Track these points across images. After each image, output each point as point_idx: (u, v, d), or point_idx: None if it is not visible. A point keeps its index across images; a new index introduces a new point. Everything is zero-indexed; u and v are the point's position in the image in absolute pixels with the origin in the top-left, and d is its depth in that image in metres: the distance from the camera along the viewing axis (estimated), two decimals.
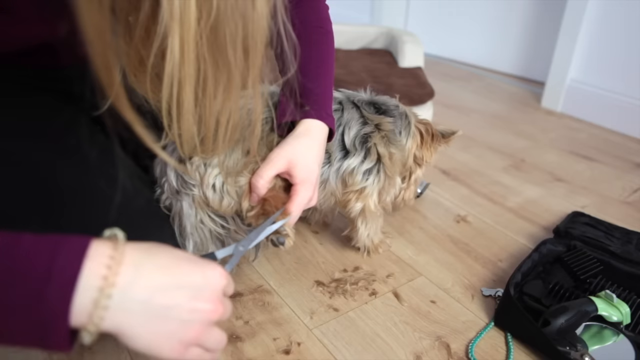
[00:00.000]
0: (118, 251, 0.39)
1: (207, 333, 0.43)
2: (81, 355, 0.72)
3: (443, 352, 0.75)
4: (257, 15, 0.47)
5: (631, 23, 1.54)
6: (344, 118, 0.82)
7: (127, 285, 0.39)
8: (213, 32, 0.46)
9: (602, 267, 0.87)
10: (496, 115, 1.74)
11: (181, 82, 0.47)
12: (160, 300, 0.40)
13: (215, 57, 0.48)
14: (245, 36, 0.48)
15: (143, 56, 0.47)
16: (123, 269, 0.39)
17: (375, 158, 0.82)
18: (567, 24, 1.69)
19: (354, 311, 0.83)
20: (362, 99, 0.86)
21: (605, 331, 0.76)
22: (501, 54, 2.19)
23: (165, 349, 0.41)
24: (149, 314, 0.40)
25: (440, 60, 2.40)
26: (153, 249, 0.43)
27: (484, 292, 0.88)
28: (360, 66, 1.63)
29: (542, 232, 1.06)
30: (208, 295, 0.43)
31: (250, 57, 0.50)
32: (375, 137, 0.82)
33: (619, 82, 1.62)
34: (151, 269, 0.40)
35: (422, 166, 0.93)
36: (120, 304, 0.38)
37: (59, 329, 0.37)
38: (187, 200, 0.73)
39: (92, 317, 0.38)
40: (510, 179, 1.29)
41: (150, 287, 0.40)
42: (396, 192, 0.90)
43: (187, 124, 0.52)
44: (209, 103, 0.52)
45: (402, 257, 0.97)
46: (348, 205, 0.85)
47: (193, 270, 0.43)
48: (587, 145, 1.52)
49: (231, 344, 0.75)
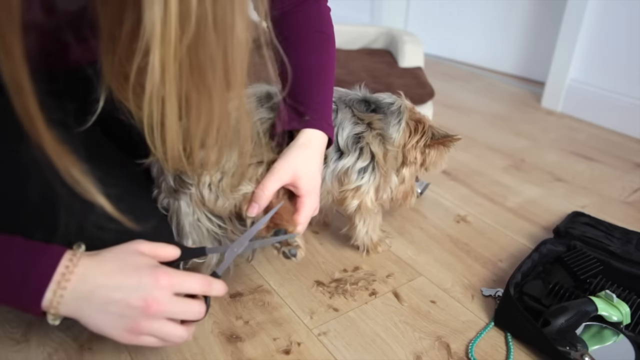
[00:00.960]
0: (73, 262, 0.54)
1: (151, 325, 0.55)
2: (81, 355, 0.72)
3: (443, 352, 0.75)
4: (237, 39, 0.47)
5: (631, 23, 1.54)
6: (337, 118, 0.82)
7: (76, 285, 0.53)
8: (194, 51, 0.46)
9: (602, 267, 0.87)
10: (496, 115, 1.74)
11: (163, 100, 0.47)
12: (99, 298, 0.54)
13: (196, 79, 0.48)
14: (226, 58, 0.48)
15: (127, 72, 0.47)
16: (75, 274, 0.53)
17: (369, 157, 0.82)
18: (567, 24, 1.69)
19: (354, 311, 0.83)
20: (354, 98, 0.86)
21: (605, 331, 0.76)
22: (501, 54, 2.19)
23: (114, 334, 0.56)
24: (93, 308, 0.54)
25: (440, 60, 2.40)
26: (105, 258, 0.56)
27: (484, 292, 0.88)
28: (360, 66, 1.63)
29: (542, 232, 1.06)
30: (140, 295, 0.54)
31: (231, 81, 0.50)
32: (368, 136, 0.82)
33: (619, 82, 1.62)
34: (96, 274, 0.54)
35: (407, 165, 0.89)
36: (71, 298, 0.53)
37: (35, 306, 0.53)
38: (185, 200, 0.73)
39: (52, 303, 0.53)
40: (510, 179, 1.29)
41: (92, 288, 0.54)
42: (393, 189, 0.90)
43: (172, 143, 0.52)
44: (193, 123, 0.52)
45: (402, 257, 0.97)
46: (344, 202, 0.85)
47: (131, 276, 0.55)
48: (587, 145, 1.52)
49: (231, 344, 0.75)
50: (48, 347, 0.73)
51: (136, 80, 0.47)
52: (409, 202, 0.94)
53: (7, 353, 0.72)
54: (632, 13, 1.54)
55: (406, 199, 0.93)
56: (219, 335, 0.77)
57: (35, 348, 0.73)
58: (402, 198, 0.92)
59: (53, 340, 0.74)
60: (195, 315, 0.59)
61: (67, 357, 0.72)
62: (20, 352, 0.72)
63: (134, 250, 0.58)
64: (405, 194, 0.92)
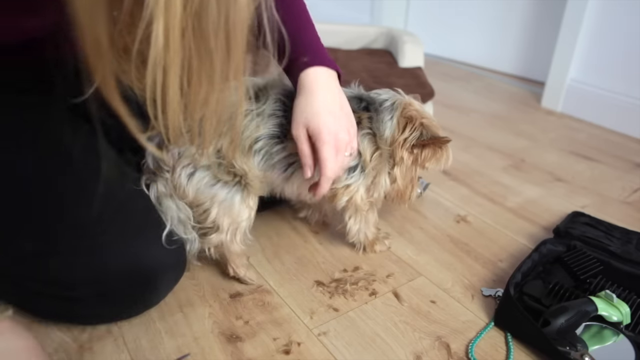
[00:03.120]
0: None
1: None
2: (81, 355, 0.72)
3: (443, 352, 0.75)
4: (239, 4, 0.48)
5: (631, 23, 1.54)
6: None
7: None
8: (197, 18, 0.46)
9: (602, 267, 0.87)
10: (496, 115, 1.74)
11: (165, 69, 0.48)
12: None
13: (199, 45, 0.48)
14: (227, 24, 0.48)
15: (128, 43, 0.47)
16: None
17: (358, 156, 0.82)
18: (567, 24, 1.69)
19: (354, 311, 0.83)
20: (348, 95, 0.84)
21: (605, 331, 0.76)
22: (501, 54, 2.19)
23: None
24: None
25: (440, 60, 2.40)
26: None
27: (484, 292, 0.88)
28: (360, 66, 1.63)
29: (542, 232, 1.06)
30: None
31: (232, 46, 0.50)
32: (357, 134, 0.81)
33: (619, 82, 1.62)
34: None
35: (397, 164, 0.85)
36: None
37: None
38: (162, 182, 0.78)
39: None
40: (510, 179, 1.29)
41: None
42: (386, 188, 0.87)
43: (173, 113, 0.52)
44: (194, 93, 0.52)
45: (402, 257, 0.97)
46: (336, 199, 0.85)
47: None
48: (587, 145, 1.52)
49: (231, 344, 0.75)
50: (48, 347, 0.73)
51: (139, 50, 0.47)
52: (406, 202, 0.91)
53: None
54: (632, 13, 1.54)
55: (401, 198, 0.89)
56: (219, 335, 0.77)
57: None
58: (397, 197, 0.89)
59: (53, 340, 0.74)
60: None
61: (67, 357, 0.72)
62: None
63: None
64: (399, 193, 0.88)
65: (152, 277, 0.74)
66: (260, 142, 0.79)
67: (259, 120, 0.78)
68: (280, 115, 0.79)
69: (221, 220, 0.80)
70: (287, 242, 1.00)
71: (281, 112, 0.80)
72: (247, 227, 0.84)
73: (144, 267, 0.72)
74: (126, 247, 0.71)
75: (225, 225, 0.81)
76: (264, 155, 0.80)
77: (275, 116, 0.79)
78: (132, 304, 0.77)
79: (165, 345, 0.74)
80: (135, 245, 0.71)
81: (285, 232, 1.03)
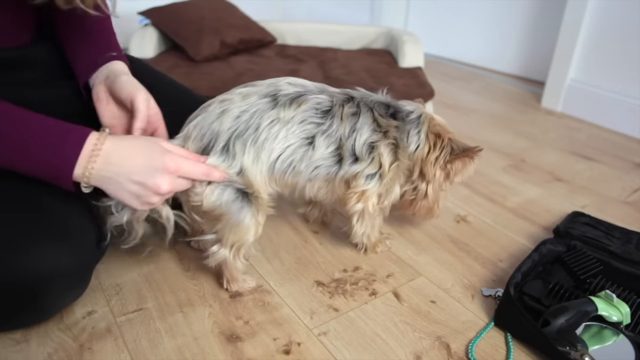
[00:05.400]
0: (100, 141, 0.66)
1: (160, 199, 0.71)
2: (81, 355, 0.72)
3: (443, 352, 0.75)
4: None
5: (631, 23, 1.54)
6: (358, 122, 0.81)
7: (101, 165, 0.66)
8: None
9: (602, 267, 0.87)
10: (496, 115, 1.74)
11: None
12: (120, 180, 0.67)
13: None
14: None
15: None
16: (100, 154, 0.65)
17: (378, 165, 0.82)
18: (567, 24, 1.69)
19: (354, 311, 0.83)
20: (375, 100, 0.84)
21: (605, 331, 0.76)
22: (501, 54, 2.19)
23: (131, 204, 0.70)
24: (115, 186, 0.68)
25: (440, 60, 2.40)
26: (124, 142, 0.69)
27: (484, 292, 0.88)
28: (360, 66, 1.63)
29: (542, 232, 1.06)
30: (152, 180, 0.67)
31: None
32: (380, 145, 0.81)
33: (619, 82, 1.62)
34: (117, 156, 0.67)
35: (429, 182, 0.88)
36: (97, 176, 0.66)
37: (67, 178, 0.65)
38: None
39: (83, 178, 0.66)
40: (510, 179, 1.29)
41: (115, 171, 0.67)
42: (396, 197, 0.89)
43: None
44: None
45: (402, 257, 0.97)
46: (348, 203, 0.85)
47: (144, 161, 0.68)
48: (587, 145, 1.52)
49: (231, 344, 0.75)
50: (48, 347, 0.73)
51: None
52: (434, 216, 0.95)
53: (7, 353, 0.72)
54: (632, 13, 1.54)
55: (430, 212, 0.93)
56: (219, 335, 0.77)
57: (35, 348, 0.73)
58: (427, 212, 0.93)
59: (53, 340, 0.74)
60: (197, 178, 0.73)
61: (67, 357, 0.72)
62: (20, 352, 0.72)
63: (154, 142, 0.70)
64: (428, 209, 0.92)
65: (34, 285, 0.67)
66: (288, 150, 0.77)
67: (289, 128, 0.76)
68: (311, 122, 0.78)
69: (227, 236, 0.78)
70: (287, 242, 1.00)
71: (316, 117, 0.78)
72: (252, 242, 0.81)
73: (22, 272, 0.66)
74: None
75: (230, 242, 0.79)
76: (290, 164, 0.78)
77: (307, 122, 0.77)
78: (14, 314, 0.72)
79: (165, 345, 0.75)
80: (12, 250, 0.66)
81: (285, 232, 1.03)
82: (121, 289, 0.85)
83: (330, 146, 0.79)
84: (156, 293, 0.85)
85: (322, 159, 0.80)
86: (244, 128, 0.74)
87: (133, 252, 0.94)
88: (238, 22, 1.76)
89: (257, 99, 0.76)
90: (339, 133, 0.79)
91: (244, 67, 1.57)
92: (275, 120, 0.75)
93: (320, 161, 0.80)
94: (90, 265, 0.77)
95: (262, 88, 0.78)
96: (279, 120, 0.75)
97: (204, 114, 0.76)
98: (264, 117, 0.75)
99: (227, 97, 0.77)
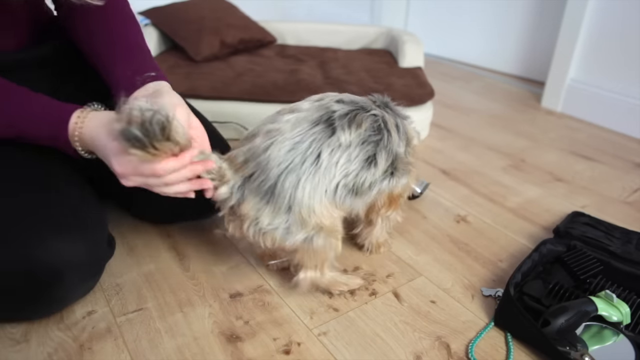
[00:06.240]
0: (83, 114, 0.70)
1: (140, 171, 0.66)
2: (81, 355, 0.72)
3: (443, 352, 0.75)
4: None
5: (631, 23, 1.54)
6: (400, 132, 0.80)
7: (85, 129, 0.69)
8: None
9: (602, 267, 0.87)
10: (496, 115, 1.74)
11: None
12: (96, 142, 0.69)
13: None
14: None
15: None
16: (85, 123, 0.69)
17: None
18: (567, 24, 1.69)
19: (354, 311, 0.83)
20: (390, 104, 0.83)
21: (605, 331, 0.76)
22: (501, 54, 2.19)
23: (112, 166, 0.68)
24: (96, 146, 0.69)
25: (440, 60, 2.40)
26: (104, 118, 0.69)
27: (484, 292, 0.88)
28: (360, 66, 1.63)
29: (542, 232, 1.06)
30: None
31: None
32: None
33: (619, 82, 1.62)
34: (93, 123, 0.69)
35: None
36: (82, 137, 0.70)
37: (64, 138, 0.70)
38: None
39: (74, 137, 0.70)
40: (510, 179, 1.29)
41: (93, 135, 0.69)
42: None
43: None
44: None
45: (402, 257, 0.97)
46: (385, 212, 0.87)
47: None
48: (587, 145, 1.52)
49: (231, 344, 0.75)
50: (48, 347, 0.73)
51: None
52: None
53: (7, 353, 0.72)
54: (632, 13, 1.54)
55: None
56: (219, 335, 0.77)
57: (35, 348, 0.73)
58: None
59: (53, 340, 0.74)
60: None
61: (67, 357, 0.72)
62: (20, 352, 0.72)
63: None
64: None
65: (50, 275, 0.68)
66: (353, 173, 0.74)
67: (350, 152, 0.73)
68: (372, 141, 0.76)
69: (307, 262, 0.78)
70: None
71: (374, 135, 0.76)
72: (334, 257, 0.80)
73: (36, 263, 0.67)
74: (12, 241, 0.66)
75: (311, 266, 0.78)
76: (353, 187, 0.75)
77: (367, 142, 0.75)
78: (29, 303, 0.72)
79: (165, 345, 0.75)
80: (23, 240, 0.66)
81: None
82: (121, 289, 0.85)
83: (388, 160, 0.78)
84: (156, 293, 0.85)
85: (382, 174, 0.78)
86: (300, 161, 0.70)
87: (133, 252, 0.94)
88: (238, 22, 1.77)
89: (309, 127, 0.72)
90: (392, 145, 0.78)
91: (244, 67, 1.57)
92: (336, 147, 0.71)
93: (381, 176, 0.78)
94: (103, 260, 0.78)
95: (311, 113, 0.74)
96: (340, 145, 0.72)
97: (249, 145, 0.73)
98: (324, 146, 0.71)
99: (274, 127, 0.73)
